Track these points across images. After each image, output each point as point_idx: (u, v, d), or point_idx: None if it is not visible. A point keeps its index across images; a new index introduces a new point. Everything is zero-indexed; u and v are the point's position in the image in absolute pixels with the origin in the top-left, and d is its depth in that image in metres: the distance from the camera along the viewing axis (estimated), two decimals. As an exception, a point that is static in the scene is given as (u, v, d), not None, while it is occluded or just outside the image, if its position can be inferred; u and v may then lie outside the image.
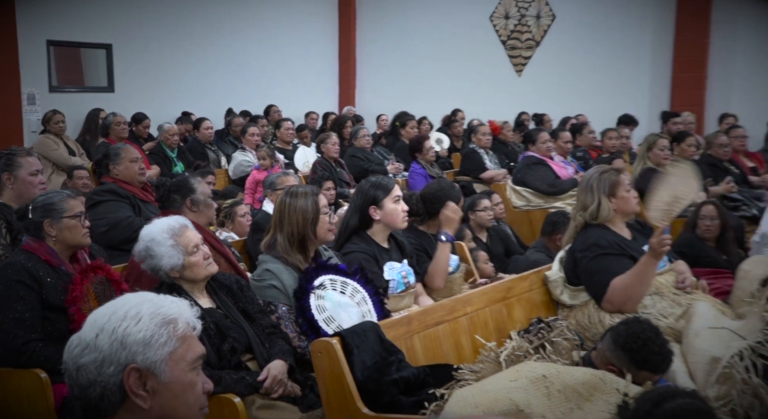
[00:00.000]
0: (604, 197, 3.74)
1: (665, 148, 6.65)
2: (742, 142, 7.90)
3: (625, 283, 3.52)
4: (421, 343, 3.13)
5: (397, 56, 13.82)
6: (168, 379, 1.59)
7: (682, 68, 11.25)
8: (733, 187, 6.98)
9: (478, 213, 5.61)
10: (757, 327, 3.08)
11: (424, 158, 7.62)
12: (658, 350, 2.77)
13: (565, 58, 12.27)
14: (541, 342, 3.17)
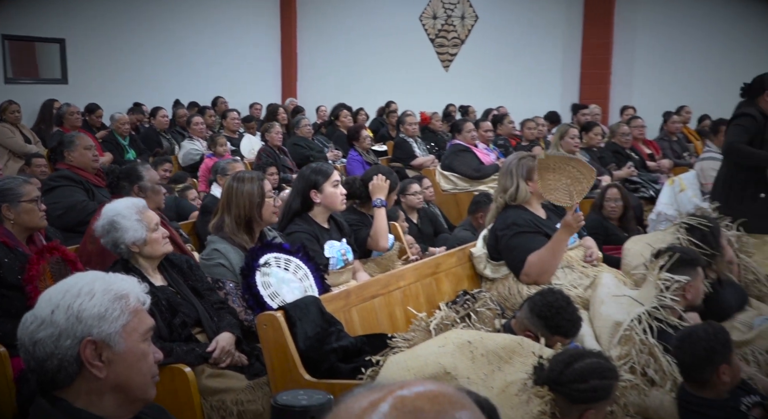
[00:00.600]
0: (522, 180, 3.78)
1: (575, 136, 6.79)
2: (641, 131, 8.12)
3: (541, 258, 3.58)
4: (359, 315, 3.13)
5: (335, 52, 13.72)
6: (122, 350, 1.57)
7: (589, 65, 11.47)
8: (633, 171, 7.18)
9: (408, 197, 5.63)
10: (652, 294, 3.18)
11: (361, 146, 7.61)
12: (570, 317, 2.84)
13: (487, 55, 12.38)
14: (467, 312, 3.20)
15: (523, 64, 12.03)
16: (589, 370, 2.19)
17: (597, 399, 2.20)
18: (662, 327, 3.03)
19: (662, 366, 2.86)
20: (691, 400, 2.55)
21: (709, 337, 2.53)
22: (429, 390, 0.85)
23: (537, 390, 2.22)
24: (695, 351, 2.52)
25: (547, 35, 11.81)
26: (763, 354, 3.32)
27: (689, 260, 3.27)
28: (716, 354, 2.50)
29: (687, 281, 3.18)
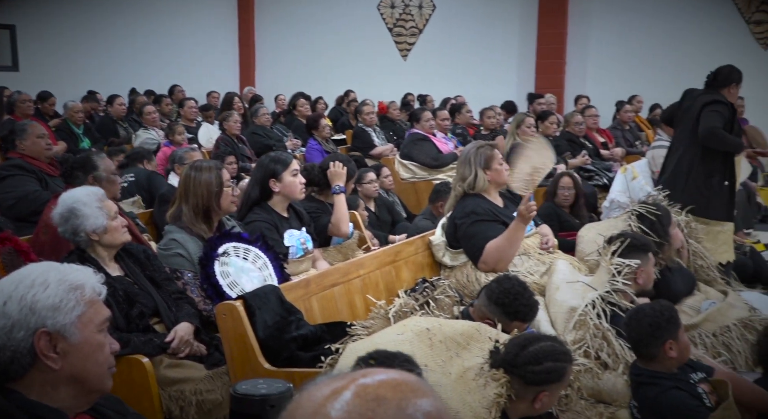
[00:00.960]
0: (480, 169, 3.81)
1: (531, 125, 6.86)
2: (595, 120, 8.24)
3: (498, 246, 3.62)
4: (319, 303, 3.13)
5: (294, 40, 13.60)
6: (78, 341, 1.55)
7: (544, 55, 11.60)
8: (587, 159, 7.29)
9: (365, 186, 5.62)
10: (605, 279, 3.24)
11: (320, 135, 7.57)
12: (526, 302, 2.88)
13: (445, 44, 12.42)
14: (426, 300, 3.21)
15: (480, 54, 12.10)
16: (543, 353, 2.23)
17: (550, 381, 2.24)
18: (615, 311, 3.10)
19: (615, 349, 2.93)
20: (643, 372, 2.62)
21: (655, 314, 2.61)
22: (391, 379, 0.86)
23: (493, 374, 2.25)
24: (641, 327, 2.60)
25: (504, 25, 11.90)
26: (710, 337, 3.41)
27: (640, 245, 3.35)
28: (661, 329, 2.58)
29: (638, 266, 3.25)
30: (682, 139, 5.16)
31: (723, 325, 3.44)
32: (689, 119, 5.08)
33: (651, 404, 2.54)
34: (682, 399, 2.51)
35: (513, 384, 2.24)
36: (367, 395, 0.83)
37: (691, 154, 5.05)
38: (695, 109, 5.04)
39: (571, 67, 11.56)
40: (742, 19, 10.38)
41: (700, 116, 4.93)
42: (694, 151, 5.04)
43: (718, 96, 5.00)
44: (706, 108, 4.96)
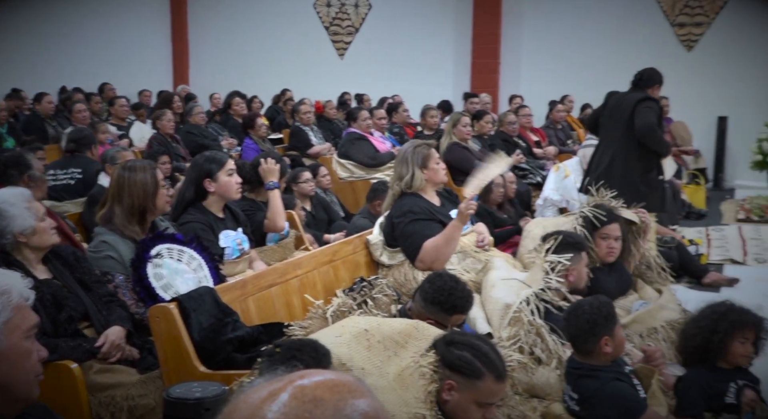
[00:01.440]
0: (417, 168, 3.83)
1: (467, 124, 6.94)
2: (528, 119, 8.41)
3: (435, 245, 3.65)
4: (255, 304, 3.10)
5: (229, 38, 13.40)
6: (3, 348, 1.50)
7: (479, 55, 11.74)
8: (521, 158, 7.43)
9: (301, 185, 5.58)
10: (539, 276, 3.31)
11: (257, 134, 7.48)
12: (462, 293, 2.92)
13: (381, 43, 12.44)
14: (364, 299, 3.22)
15: (417, 54, 12.17)
16: (469, 343, 2.27)
17: (459, 371, 2.22)
18: (549, 308, 3.17)
19: (548, 345, 3.00)
20: (582, 366, 2.68)
21: (593, 310, 2.68)
22: (328, 380, 0.86)
23: (426, 358, 2.28)
24: (579, 323, 2.67)
25: (439, 25, 12.00)
26: (637, 337, 3.52)
27: (573, 244, 3.42)
28: (598, 326, 2.65)
29: (570, 263, 3.33)
30: (612, 137, 5.33)
31: (651, 327, 3.54)
32: (620, 117, 5.26)
33: (592, 395, 2.60)
34: (622, 390, 2.60)
35: (439, 367, 2.26)
36: (304, 396, 0.83)
37: (625, 152, 5.23)
38: (626, 107, 5.22)
39: (506, 67, 11.76)
40: (667, 21, 10.76)
41: (635, 112, 5.14)
42: (628, 148, 5.22)
43: (647, 94, 5.25)
44: (640, 104, 5.17)
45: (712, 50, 10.47)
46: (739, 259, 6.40)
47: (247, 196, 4.28)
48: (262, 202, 4.27)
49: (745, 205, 8.40)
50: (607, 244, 3.84)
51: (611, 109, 5.37)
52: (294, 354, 1.98)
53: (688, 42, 10.67)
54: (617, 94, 5.46)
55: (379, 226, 4.00)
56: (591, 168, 5.47)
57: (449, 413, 2.25)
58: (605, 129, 5.41)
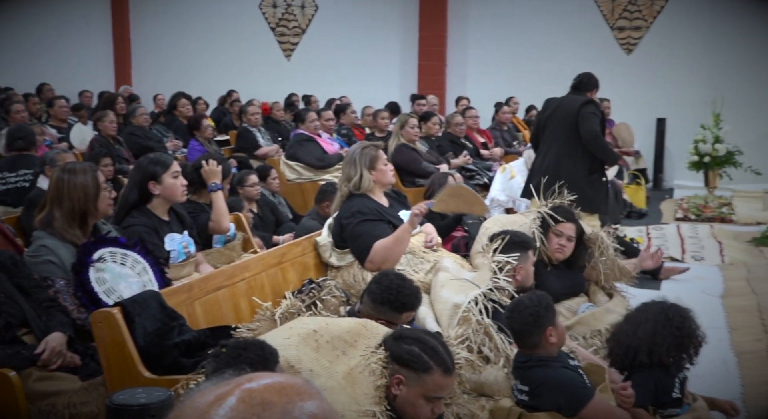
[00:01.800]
0: (365, 170, 3.84)
1: (415, 126, 6.98)
2: (475, 121, 8.51)
3: (385, 246, 3.66)
4: (202, 308, 3.05)
5: (173, 38, 13.17)
6: None
7: (426, 57, 11.82)
8: (468, 159, 7.52)
9: (246, 188, 5.52)
10: (487, 276, 3.35)
11: (202, 136, 7.37)
12: (410, 290, 2.93)
13: (329, 45, 12.41)
14: (313, 301, 3.21)
15: (364, 55, 12.19)
16: (418, 338, 2.29)
17: (408, 366, 2.24)
18: (497, 307, 3.21)
19: (496, 344, 3.03)
20: (529, 358, 2.73)
21: (533, 304, 2.74)
22: (277, 382, 0.86)
23: (375, 354, 2.28)
24: (523, 317, 2.71)
25: (386, 27, 12.05)
26: (579, 339, 3.58)
27: (520, 243, 3.47)
28: (541, 318, 2.71)
29: (517, 262, 3.37)
30: (556, 140, 5.42)
31: (594, 329, 3.60)
32: (563, 120, 5.37)
33: (542, 383, 2.65)
34: (571, 376, 2.66)
35: (389, 362, 2.27)
36: (252, 400, 0.82)
37: (571, 153, 5.33)
38: (569, 110, 5.33)
39: (452, 69, 11.87)
40: (607, 25, 11.03)
41: (580, 117, 5.25)
42: (574, 150, 5.33)
43: (588, 98, 5.40)
44: (584, 109, 5.29)
45: (651, 53, 10.78)
46: (678, 257, 6.59)
47: (191, 198, 4.21)
48: (205, 203, 4.21)
49: (683, 204, 8.67)
50: (558, 241, 3.88)
51: (552, 112, 5.48)
52: (240, 354, 1.95)
53: (627, 45, 10.96)
54: (556, 99, 5.59)
55: (327, 228, 3.99)
56: (534, 169, 5.55)
57: (398, 408, 2.26)
58: (548, 131, 5.50)
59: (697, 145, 8.80)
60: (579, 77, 5.58)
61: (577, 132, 5.28)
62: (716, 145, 8.68)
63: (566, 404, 2.59)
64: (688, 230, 7.67)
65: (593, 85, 5.55)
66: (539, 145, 5.63)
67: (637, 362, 2.73)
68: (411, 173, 6.78)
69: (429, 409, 2.24)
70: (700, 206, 8.42)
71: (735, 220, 8.08)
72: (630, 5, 10.88)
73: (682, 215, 8.29)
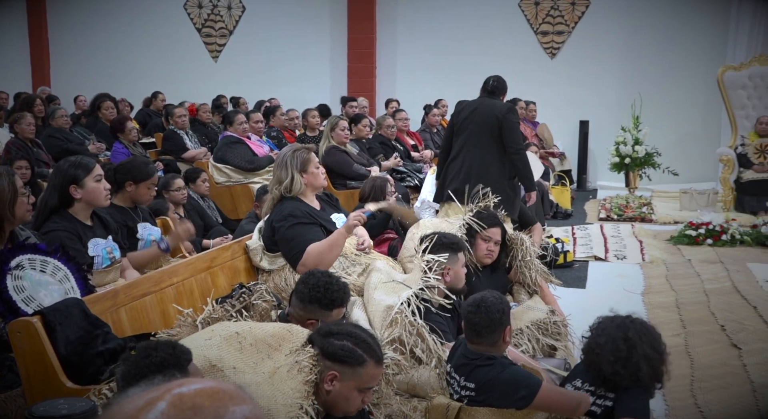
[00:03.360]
0: (297, 172, 3.82)
1: (345, 128, 7.00)
2: (405, 123, 8.60)
3: (319, 250, 3.65)
4: (128, 315, 2.97)
5: (94, 38, 12.79)
6: None
7: (355, 59, 11.86)
8: (399, 161, 7.58)
9: (172, 193, 5.41)
10: (418, 276, 3.38)
11: (127, 138, 7.18)
12: (338, 287, 2.92)
13: (257, 46, 12.29)
14: (243, 305, 3.17)
15: (293, 57, 12.12)
16: (348, 332, 2.30)
17: (342, 361, 2.25)
18: (429, 307, 3.24)
19: (429, 345, 3.07)
20: (477, 356, 2.77)
21: (498, 301, 2.81)
22: (208, 387, 0.85)
23: (303, 353, 2.27)
24: (490, 314, 2.76)
25: (315, 29, 12.02)
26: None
27: (449, 244, 3.50)
28: (505, 315, 2.78)
29: (446, 262, 3.40)
30: (475, 144, 5.47)
31: (516, 328, 3.68)
32: (483, 124, 5.43)
33: (492, 381, 2.69)
34: (519, 371, 2.73)
35: (318, 360, 2.28)
36: (183, 404, 0.81)
37: (496, 157, 5.42)
38: (489, 114, 5.40)
39: (382, 71, 11.94)
40: (531, 29, 11.31)
41: (504, 125, 5.34)
42: (498, 154, 5.42)
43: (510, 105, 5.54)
44: (509, 117, 5.38)
45: (573, 57, 11.12)
46: (602, 256, 6.82)
47: (114, 203, 4.08)
48: (130, 208, 4.09)
49: (605, 204, 8.97)
50: (487, 246, 3.96)
51: (470, 115, 5.53)
52: (150, 354, 1.91)
53: (551, 49, 11.26)
54: (470, 102, 5.65)
55: (258, 231, 3.95)
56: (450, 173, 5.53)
57: (329, 403, 2.27)
58: (465, 135, 5.52)
59: (618, 146, 9.12)
60: (494, 81, 5.64)
61: (499, 138, 5.39)
62: (636, 147, 9.01)
63: (521, 396, 2.64)
64: (611, 230, 7.94)
65: (505, 89, 5.70)
66: (452, 148, 5.65)
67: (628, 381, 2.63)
68: (342, 175, 6.80)
69: (360, 400, 2.28)
70: (622, 206, 8.72)
71: (654, 220, 8.41)
72: (552, 10, 11.19)
73: (605, 215, 8.57)
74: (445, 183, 5.56)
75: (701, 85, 10.45)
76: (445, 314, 3.33)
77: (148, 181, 4.09)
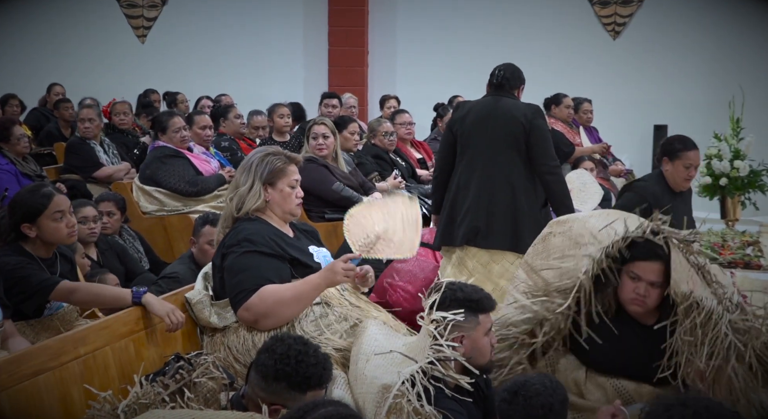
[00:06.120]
0: (260, 182, 3.85)
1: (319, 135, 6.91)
2: (409, 129, 8.59)
3: (279, 297, 3.66)
4: (11, 403, 2.95)
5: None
6: None
7: (339, 41, 11.93)
8: (401, 182, 7.57)
9: (80, 227, 5.40)
10: (426, 343, 3.35)
11: (13, 150, 7.14)
12: (316, 359, 2.91)
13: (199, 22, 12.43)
14: (180, 386, 3.15)
15: (252, 37, 12.24)
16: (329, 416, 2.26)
17: None
18: (441, 388, 3.21)
19: (441, 441, 3.05)
20: None
21: (547, 391, 2.80)
22: None
23: None
24: (531, 409, 2.76)
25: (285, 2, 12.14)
26: None
27: (465, 300, 3.41)
28: (554, 414, 2.75)
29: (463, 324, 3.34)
30: (493, 161, 5.29)
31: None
32: (499, 131, 5.31)
33: None
34: None
35: None
36: None
37: (519, 179, 5.28)
38: (508, 118, 5.31)
39: (376, 59, 12.03)
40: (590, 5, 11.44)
41: (533, 133, 5.26)
42: (520, 174, 5.31)
43: (537, 106, 5.47)
44: (536, 124, 5.29)
45: (644, 37, 11.24)
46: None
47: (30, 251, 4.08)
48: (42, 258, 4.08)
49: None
50: (635, 288, 3.62)
51: (478, 121, 5.43)
52: None
53: (613, 26, 11.39)
54: (477, 103, 5.56)
55: (203, 277, 3.96)
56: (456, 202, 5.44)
57: None
58: (477, 149, 5.41)
59: (710, 161, 9.13)
60: (500, 70, 5.54)
61: (525, 151, 5.28)
62: (736, 163, 9.02)
63: None
64: (701, 278, 7.91)
65: (520, 81, 5.60)
66: (455, 165, 5.52)
67: None
68: (319, 199, 6.73)
69: None
70: (717, 246, 8.70)
71: (764, 265, 8.37)
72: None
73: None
74: (454, 220, 5.40)
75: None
76: (464, 399, 3.30)
77: (46, 211, 4.07)
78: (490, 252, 5.16)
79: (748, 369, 3.42)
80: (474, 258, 5.26)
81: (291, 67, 12.12)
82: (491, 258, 5.18)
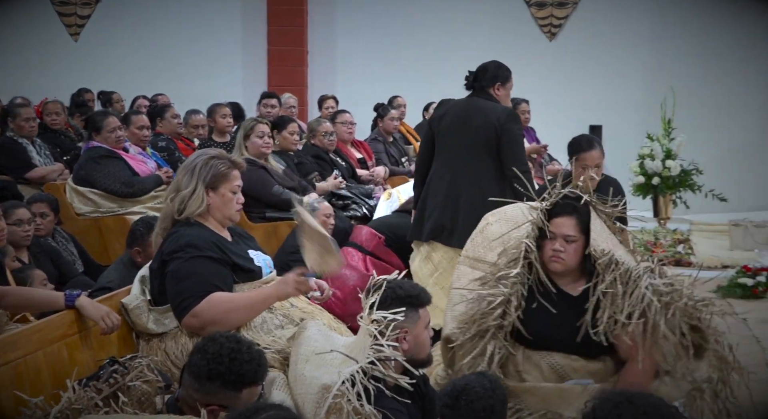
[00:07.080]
0: (202, 186, 3.81)
1: (265, 135, 6.89)
2: (350, 129, 8.59)
3: (229, 305, 3.65)
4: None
5: None
6: None
7: (278, 40, 11.91)
8: (341, 182, 7.56)
9: (12, 228, 5.29)
10: (367, 343, 3.35)
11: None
12: (249, 356, 2.90)
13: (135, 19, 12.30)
14: (113, 390, 3.11)
15: (189, 35, 12.18)
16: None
17: None
18: (381, 388, 3.21)
19: (381, 441, 3.05)
20: None
21: (487, 393, 2.81)
22: None
23: None
24: (473, 411, 2.78)
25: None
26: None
27: (405, 297, 3.43)
28: (496, 415, 2.75)
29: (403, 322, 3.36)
30: (464, 162, 5.39)
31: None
32: (472, 132, 5.38)
33: None
34: None
35: None
36: None
37: (488, 181, 5.35)
38: (482, 120, 5.37)
39: (315, 58, 12.00)
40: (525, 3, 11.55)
41: (504, 135, 5.31)
42: (491, 176, 5.37)
43: (510, 109, 5.53)
44: (508, 127, 5.34)
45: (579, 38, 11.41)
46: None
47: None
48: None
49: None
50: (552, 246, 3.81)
51: (455, 122, 5.49)
52: None
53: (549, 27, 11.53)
54: (457, 102, 5.61)
55: (140, 281, 3.91)
56: (431, 199, 5.52)
57: None
58: (450, 150, 5.48)
59: (643, 161, 9.26)
60: (481, 69, 5.59)
61: (496, 153, 5.35)
62: (668, 162, 9.16)
63: None
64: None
65: (499, 77, 5.59)
66: (431, 166, 5.63)
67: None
68: (258, 201, 6.71)
69: None
70: (649, 244, 8.84)
71: (694, 263, 8.51)
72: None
73: (627, 256, 8.66)
74: (423, 216, 5.53)
75: (758, 82, 10.72)
76: (403, 399, 3.30)
77: None
78: (455, 249, 5.21)
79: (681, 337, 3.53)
80: (439, 253, 5.44)
81: (229, 67, 12.05)
82: (456, 254, 5.22)
